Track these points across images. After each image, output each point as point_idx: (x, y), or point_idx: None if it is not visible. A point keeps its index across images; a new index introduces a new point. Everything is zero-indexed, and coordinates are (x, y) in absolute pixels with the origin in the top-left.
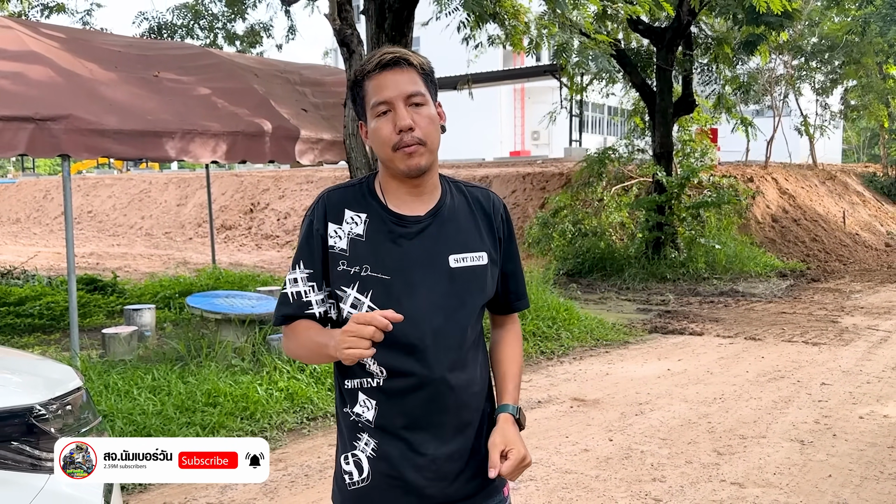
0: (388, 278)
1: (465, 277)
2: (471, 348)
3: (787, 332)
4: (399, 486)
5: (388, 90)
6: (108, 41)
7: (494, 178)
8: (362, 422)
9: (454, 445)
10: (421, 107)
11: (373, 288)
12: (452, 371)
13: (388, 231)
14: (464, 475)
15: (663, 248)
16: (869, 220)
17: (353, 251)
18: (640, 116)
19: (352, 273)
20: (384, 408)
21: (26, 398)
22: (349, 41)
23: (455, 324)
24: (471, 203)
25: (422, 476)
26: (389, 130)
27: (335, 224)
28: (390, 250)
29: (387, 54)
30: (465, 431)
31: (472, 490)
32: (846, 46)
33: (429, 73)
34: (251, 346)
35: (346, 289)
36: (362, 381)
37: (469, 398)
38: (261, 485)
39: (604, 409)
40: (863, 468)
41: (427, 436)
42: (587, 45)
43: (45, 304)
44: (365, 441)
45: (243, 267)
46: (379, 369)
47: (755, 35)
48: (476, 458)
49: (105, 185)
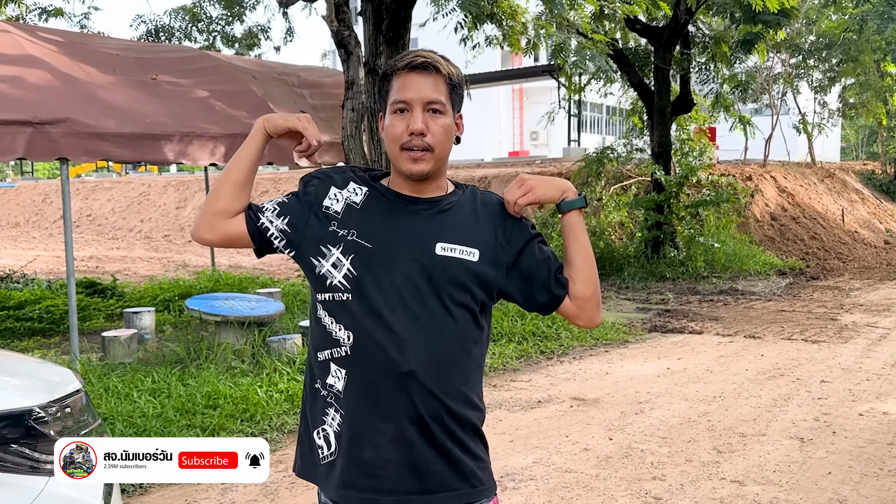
0: (369, 247)
1: (448, 267)
2: (450, 343)
3: (786, 329)
4: (356, 465)
5: (411, 91)
6: (105, 45)
7: (493, 179)
8: (333, 393)
9: (413, 435)
10: (438, 115)
11: (354, 253)
12: (417, 354)
13: (383, 205)
14: (426, 469)
15: (662, 248)
16: (868, 217)
17: (345, 215)
18: (638, 116)
19: (339, 235)
20: (352, 376)
21: (25, 401)
22: (347, 43)
23: (427, 310)
24: (478, 204)
25: (377, 455)
26: (402, 129)
27: (336, 188)
28: (380, 222)
29: (419, 56)
30: (430, 429)
31: (433, 488)
32: (844, 44)
33: (456, 84)
34: (251, 349)
35: (331, 248)
36: (332, 351)
37: (440, 391)
38: (261, 486)
39: (604, 409)
40: (862, 465)
41: (386, 415)
42: (584, 45)
43: (45, 307)
44: (331, 416)
45: (243, 269)
46: (346, 334)
47: (753, 33)
48: (443, 462)
49: (104, 188)
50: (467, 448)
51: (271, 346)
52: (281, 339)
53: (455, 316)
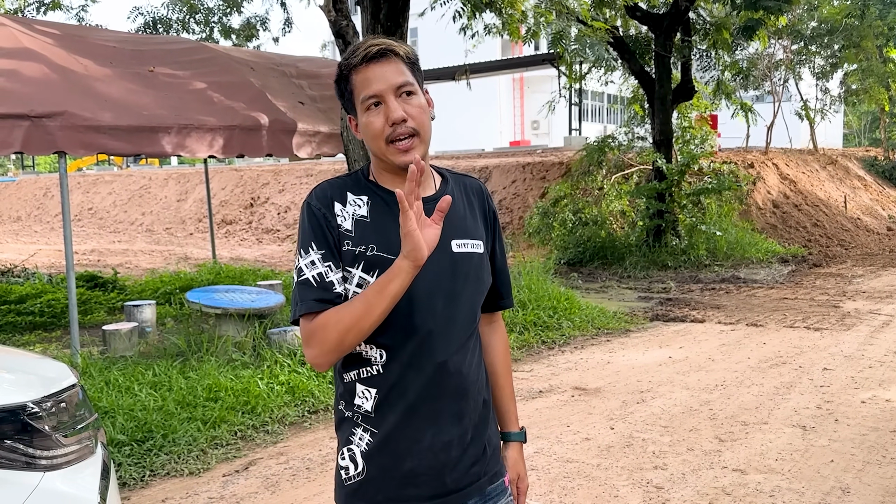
0: (394, 258)
1: (466, 263)
2: (471, 336)
3: (788, 317)
4: (395, 477)
5: (377, 83)
6: (102, 37)
7: (494, 169)
8: (360, 414)
9: (452, 433)
10: (412, 96)
11: (379, 268)
12: (453, 356)
13: (392, 212)
14: (462, 464)
15: (664, 236)
16: (870, 204)
17: (357, 232)
18: (639, 104)
19: (357, 253)
20: (382, 394)
21: (19, 396)
22: (345, 33)
23: (458, 308)
24: (466, 192)
25: (420, 464)
26: (381, 123)
27: (340, 204)
28: (396, 231)
29: (372, 46)
30: (463, 420)
31: (471, 479)
32: (846, 30)
33: (415, 62)
34: (251, 341)
35: (350, 269)
36: (360, 371)
37: (468, 385)
38: (262, 479)
39: (605, 398)
40: (865, 453)
41: (425, 423)
42: (584, 33)
43: (46, 301)
44: (359, 435)
45: (244, 261)
46: (378, 353)
47: (754, 20)
48: (475, 446)
49: (105, 181)
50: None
51: (272, 339)
52: (282, 331)
53: (477, 307)
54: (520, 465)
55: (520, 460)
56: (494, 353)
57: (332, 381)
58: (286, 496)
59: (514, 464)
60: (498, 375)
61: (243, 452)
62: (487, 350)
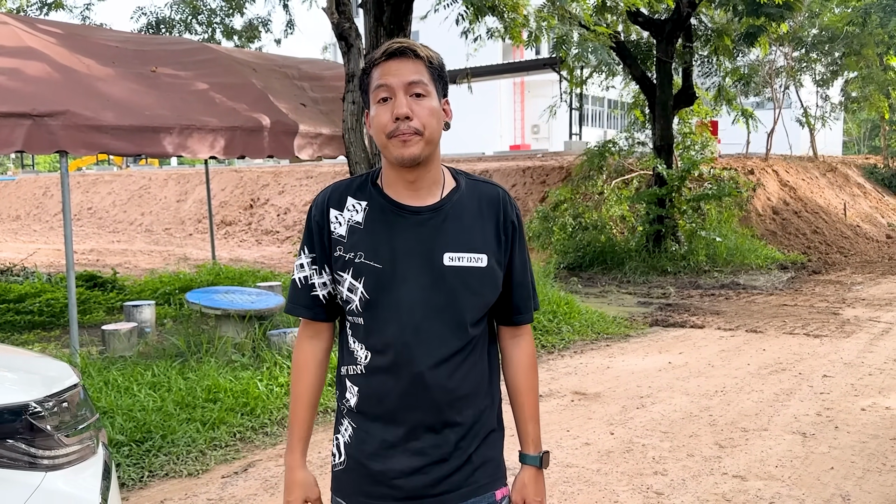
0: (379, 267)
1: (458, 277)
2: (462, 351)
3: (788, 324)
4: (367, 475)
5: (391, 77)
6: (105, 37)
7: (494, 173)
8: (347, 407)
9: (427, 442)
10: (422, 98)
11: (365, 275)
12: (433, 369)
13: (386, 220)
14: (436, 473)
15: (664, 241)
16: (870, 211)
17: (350, 238)
18: (640, 109)
19: (346, 259)
20: (363, 393)
21: (22, 396)
22: (347, 35)
23: (440, 322)
24: (480, 201)
25: (391, 468)
26: (387, 118)
27: (336, 210)
28: (386, 240)
29: (395, 44)
30: (444, 432)
31: (447, 488)
32: (847, 37)
33: (437, 68)
34: (251, 342)
35: (342, 274)
36: (349, 368)
37: (452, 401)
38: (261, 480)
39: (605, 403)
40: (865, 460)
41: (399, 429)
42: (586, 38)
43: (45, 301)
44: (345, 426)
45: (243, 262)
46: (364, 353)
47: (755, 26)
48: (457, 458)
49: (105, 181)
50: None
51: (272, 340)
52: (281, 332)
53: (474, 322)
54: (527, 490)
55: (530, 485)
56: (515, 369)
57: (331, 383)
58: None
59: (520, 487)
60: (518, 393)
61: (242, 454)
62: (508, 365)
